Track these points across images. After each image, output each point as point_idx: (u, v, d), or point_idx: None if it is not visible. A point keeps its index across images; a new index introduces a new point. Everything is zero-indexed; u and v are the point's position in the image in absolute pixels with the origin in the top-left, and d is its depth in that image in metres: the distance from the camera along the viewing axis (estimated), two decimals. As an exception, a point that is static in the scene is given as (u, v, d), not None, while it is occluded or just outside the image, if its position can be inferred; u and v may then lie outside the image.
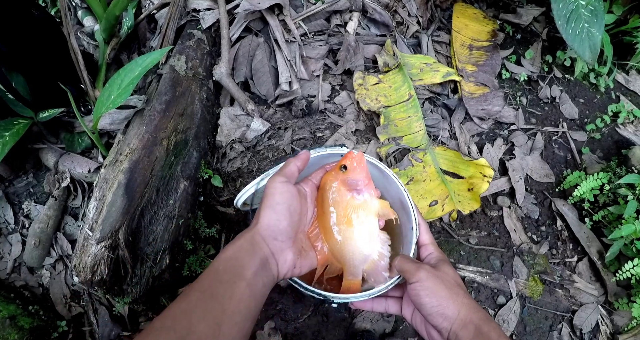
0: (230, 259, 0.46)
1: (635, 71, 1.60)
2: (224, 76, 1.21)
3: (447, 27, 1.53)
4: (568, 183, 1.30)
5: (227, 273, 0.44)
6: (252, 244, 0.47)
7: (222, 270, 0.44)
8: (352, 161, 0.58)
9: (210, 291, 0.42)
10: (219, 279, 0.43)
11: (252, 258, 0.46)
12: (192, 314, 0.39)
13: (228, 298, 0.42)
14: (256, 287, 0.45)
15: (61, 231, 1.12)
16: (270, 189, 0.51)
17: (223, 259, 0.46)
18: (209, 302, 0.41)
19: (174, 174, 1.01)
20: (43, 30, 1.05)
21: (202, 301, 0.41)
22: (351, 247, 0.58)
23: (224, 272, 0.44)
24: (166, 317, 0.39)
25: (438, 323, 0.48)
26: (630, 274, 1.10)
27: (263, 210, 0.50)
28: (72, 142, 1.16)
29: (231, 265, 0.45)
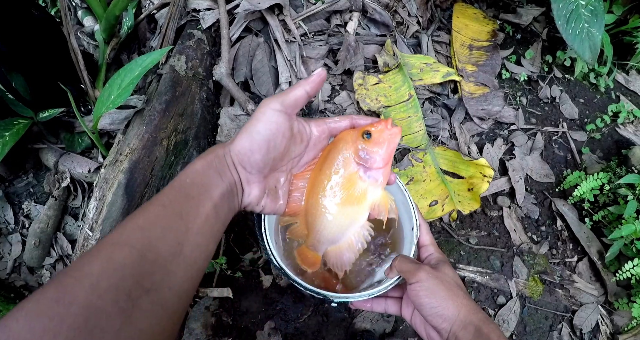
0: (198, 173, 0.40)
1: (635, 71, 1.60)
2: (224, 76, 1.21)
3: (447, 27, 1.53)
4: (568, 183, 1.30)
5: (195, 188, 0.39)
6: (222, 165, 0.42)
7: (189, 184, 0.39)
8: (382, 133, 0.48)
9: (174, 206, 0.37)
10: (184, 194, 0.38)
11: (220, 178, 0.41)
12: (151, 230, 0.35)
13: (193, 216, 0.37)
14: (222, 211, 0.41)
15: (61, 231, 1.12)
16: (258, 113, 0.44)
17: (192, 172, 0.40)
18: (171, 218, 0.36)
19: (174, 174, 1.01)
20: (43, 30, 1.05)
21: (163, 217, 0.36)
22: (326, 221, 0.51)
23: (191, 186, 0.39)
24: (121, 232, 0.34)
25: (437, 324, 0.48)
26: (630, 274, 1.10)
27: (241, 133, 0.44)
28: (72, 142, 1.16)
29: (199, 181, 0.40)
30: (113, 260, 0.32)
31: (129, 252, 0.32)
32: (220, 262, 1.04)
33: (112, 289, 0.30)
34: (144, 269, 0.32)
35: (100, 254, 0.32)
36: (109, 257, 0.32)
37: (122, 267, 0.32)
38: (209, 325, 1.02)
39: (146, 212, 0.36)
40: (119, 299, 0.30)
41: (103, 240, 0.34)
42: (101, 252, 0.32)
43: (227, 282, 1.09)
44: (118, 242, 0.33)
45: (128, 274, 0.31)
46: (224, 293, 1.04)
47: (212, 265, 1.04)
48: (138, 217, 0.36)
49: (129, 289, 0.31)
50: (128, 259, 0.32)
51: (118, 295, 0.30)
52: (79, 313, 0.28)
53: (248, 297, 1.08)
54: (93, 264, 0.31)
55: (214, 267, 1.06)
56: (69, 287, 0.29)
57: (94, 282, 0.30)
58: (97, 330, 0.28)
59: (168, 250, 0.35)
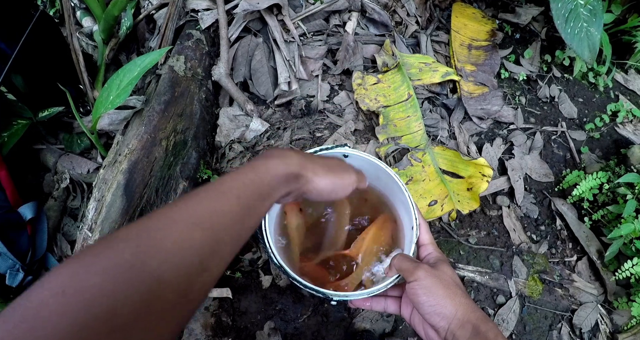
0: (276, 177, 0.44)
1: (634, 70, 1.60)
2: (222, 76, 1.21)
3: (446, 26, 1.53)
4: (567, 182, 1.30)
5: (266, 189, 0.43)
6: (296, 184, 0.47)
7: (266, 185, 0.43)
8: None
9: (247, 202, 0.40)
10: (258, 193, 0.42)
11: (285, 188, 0.45)
12: (223, 218, 0.38)
13: (255, 214, 0.41)
14: (265, 213, 0.45)
15: (60, 232, 1.12)
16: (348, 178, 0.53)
17: (272, 174, 0.44)
18: (241, 211, 0.40)
19: (173, 175, 1.01)
20: (42, 31, 1.05)
21: (236, 208, 0.39)
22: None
23: (266, 187, 0.43)
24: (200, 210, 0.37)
25: (436, 322, 0.48)
26: (629, 273, 1.10)
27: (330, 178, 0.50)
28: (71, 142, 1.16)
29: (274, 184, 0.44)
30: (187, 238, 0.34)
31: (201, 234, 0.35)
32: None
33: (180, 265, 0.33)
34: (209, 252, 0.35)
35: (176, 228, 0.35)
36: (185, 234, 0.34)
37: (192, 247, 0.34)
38: (208, 325, 1.02)
39: (224, 200, 0.39)
40: (182, 274, 0.33)
41: (176, 213, 0.36)
42: (177, 227, 0.35)
43: (226, 282, 1.09)
44: (194, 223, 0.36)
45: (196, 254, 0.34)
46: (224, 293, 1.04)
47: (212, 266, 1.04)
48: (215, 203, 0.38)
49: (192, 267, 0.34)
50: (199, 241, 0.35)
51: (182, 271, 0.33)
52: (149, 282, 0.30)
53: (247, 297, 1.08)
54: (168, 237, 0.34)
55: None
56: (145, 255, 0.31)
57: (167, 256, 0.32)
58: (160, 300, 0.31)
59: (229, 240, 0.38)
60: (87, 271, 0.29)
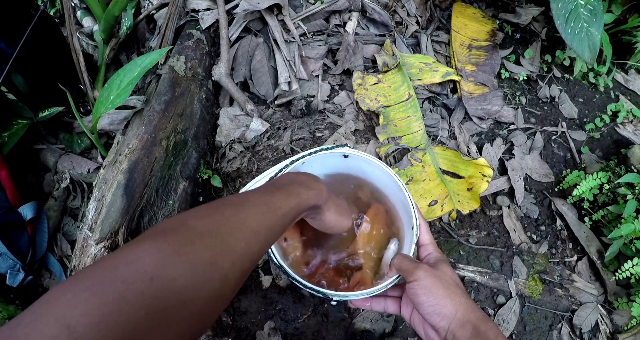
0: (307, 207, 0.50)
1: (634, 70, 1.60)
2: (223, 76, 1.21)
3: (447, 26, 1.53)
4: (567, 182, 1.30)
5: (299, 213, 0.48)
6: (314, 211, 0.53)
7: (299, 209, 0.48)
8: None
9: (286, 221, 0.46)
10: (293, 215, 0.47)
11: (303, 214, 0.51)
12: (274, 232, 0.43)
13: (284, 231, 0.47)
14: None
15: (61, 232, 1.12)
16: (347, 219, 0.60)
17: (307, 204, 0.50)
18: (282, 229, 0.45)
19: (173, 175, 1.01)
20: (42, 31, 1.05)
21: (280, 226, 0.44)
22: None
23: (299, 211, 0.48)
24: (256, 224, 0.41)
25: (435, 322, 0.48)
26: (629, 273, 1.10)
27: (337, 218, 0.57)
28: (71, 142, 1.16)
29: (304, 210, 0.49)
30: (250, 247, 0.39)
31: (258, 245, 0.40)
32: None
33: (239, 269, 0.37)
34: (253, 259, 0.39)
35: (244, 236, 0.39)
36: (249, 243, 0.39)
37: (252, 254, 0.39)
38: (208, 325, 1.02)
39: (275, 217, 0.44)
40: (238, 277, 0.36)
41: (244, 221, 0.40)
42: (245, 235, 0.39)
43: (226, 282, 1.09)
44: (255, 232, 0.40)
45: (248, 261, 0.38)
46: (224, 293, 1.04)
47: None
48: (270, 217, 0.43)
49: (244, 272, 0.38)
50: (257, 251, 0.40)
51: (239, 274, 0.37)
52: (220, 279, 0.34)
53: (248, 297, 1.08)
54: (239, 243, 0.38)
55: None
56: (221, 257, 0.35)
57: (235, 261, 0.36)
58: (222, 295, 0.34)
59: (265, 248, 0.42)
60: (177, 262, 0.31)
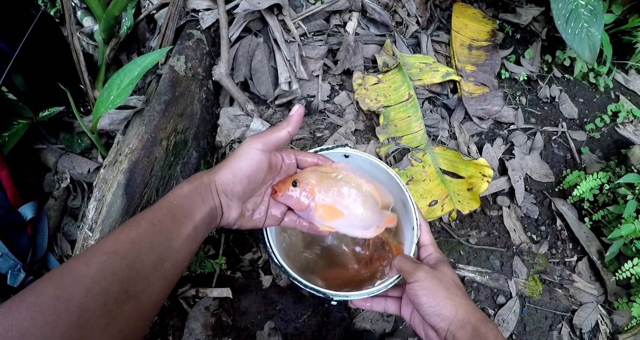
0: (185, 197, 0.46)
1: (634, 71, 1.60)
2: (223, 76, 1.21)
3: (447, 26, 1.53)
4: (567, 183, 1.30)
5: (180, 210, 0.44)
6: (207, 191, 0.47)
7: (176, 206, 0.44)
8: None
9: (161, 225, 0.42)
10: (171, 215, 0.43)
11: (203, 203, 0.46)
12: (140, 244, 0.39)
13: (176, 236, 0.43)
14: (200, 232, 0.46)
15: (61, 231, 1.12)
16: (242, 151, 0.50)
17: (179, 195, 0.46)
18: (158, 235, 0.41)
19: (173, 174, 1.01)
20: (43, 31, 1.05)
21: (151, 233, 0.41)
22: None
23: (177, 208, 0.44)
24: (115, 242, 0.39)
25: (435, 323, 0.48)
26: (629, 273, 1.10)
27: (225, 167, 0.49)
28: (71, 142, 1.16)
29: (184, 203, 0.45)
30: (106, 268, 0.36)
31: (119, 262, 0.37)
32: (220, 262, 1.04)
33: (102, 293, 0.35)
34: (130, 277, 0.37)
35: (95, 259, 0.37)
36: (103, 264, 0.36)
37: (113, 274, 0.36)
38: (208, 325, 1.02)
39: (138, 227, 0.41)
40: (107, 301, 0.35)
41: (98, 246, 0.39)
42: (96, 258, 0.37)
43: (226, 282, 1.09)
44: (111, 252, 0.38)
45: (117, 281, 0.36)
46: (224, 293, 1.04)
47: (212, 266, 1.04)
48: (130, 230, 0.41)
49: (116, 294, 0.35)
50: (118, 268, 0.37)
51: (107, 299, 0.35)
52: (74, 311, 0.32)
53: (248, 297, 1.08)
54: (89, 268, 0.36)
55: (214, 267, 1.06)
56: (67, 287, 0.34)
57: (89, 285, 0.34)
58: (87, 328, 0.33)
59: (151, 264, 0.40)
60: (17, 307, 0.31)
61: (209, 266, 1.04)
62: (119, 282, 0.36)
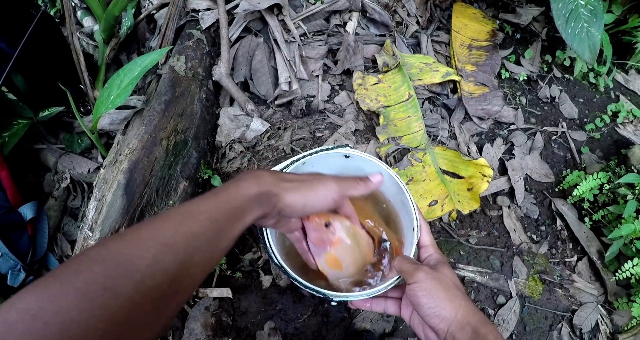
0: (248, 199, 0.44)
1: (634, 71, 1.60)
2: (223, 76, 1.21)
3: (447, 27, 1.53)
4: (567, 183, 1.30)
5: (239, 211, 0.43)
6: (268, 201, 0.46)
7: (237, 207, 0.43)
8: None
9: (218, 224, 0.41)
10: (229, 214, 0.42)
11: (259, 209, 0.45)
12: (197, 240, 0.38)
13: (227, 236, 0.42)
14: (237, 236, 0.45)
15: (61, 231, 1.12)
16: (320, 191, 0.51)
17: (243, 195, 0.44)
18: (213, 234, 0.40)
19: (173, 174, 1.01)
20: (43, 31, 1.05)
21: (209, 231, 0.40)
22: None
23: (237, 209, 0.43)
24: (175, 235, 0.37)
25: (435, 324, 0.48)
26: (629, 273, 1.10)
27: (298, 194, 0.49)
28: (71, 142, 1.16)
29: (245, 206, 0.44)
30: (160, 262, 0.34)
31: (173, 257, 0.35)
32: (220, 263, 1.05)
33: (153, 289, 0.33)
34: (180, 274, 0.36)
35: (151, 252, 0.35)
36: (157, 258, 0.34)
37: (166, 270, 0.35)
38: (208, 325, 1.02)
39: (197, 222, 0.39)
40: (155, 298, 0.33)
41: (152, 234, 0.36)
42: (152, 250, 0.35)
43: (226, 282, 1.09)
44: (167, 245, 0.36)
45: (168, 279, 0.35)
46: (224, 293, 1.04)
47: (212, 266, 1.04)
48: (190, 224, 0.39)
49: (164, 291, 0.34)
50: (172, 264, 0.35)
51: (156, 296, 0.33)
52: (122, 306, 0.30)
53: (248, 297, 1.08)
54: (142, 259, 0.34)
55: (214, 268, 1.06)
56: (119, 278, 0.32)
57: (140, 279, 0.32)
58: (133, 324, 0.31)
59: (201, 262, 0.38)
60: (60, 292, 0.29)
61: (209, 266, 1.04)
62: (170, 278, 0.35)
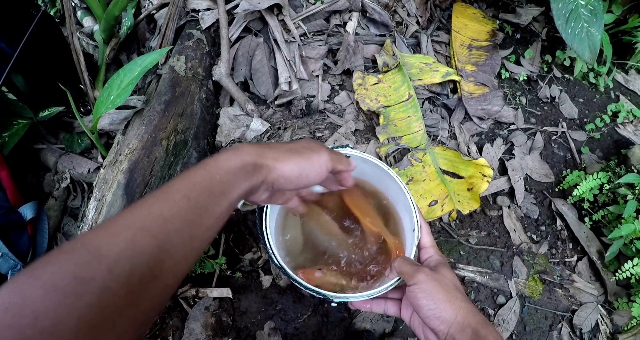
0: (229, 172, 0.41)
1: (634, 71, 1.60)
2: (223, 76, 1.21)
3: (447, 27, 1.53)
4: (568, 183, 1.30)
5: (220, 186, 0.40)
6: (256, 171, 0.43)
7: (217, 181, 0.40)
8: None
9: (197, 201, 0.38)
10: (209, 190, 0.39)
11: (245, 182, 0.42)
12: (173, 222, 0.36)
13: (209, 213, 0.39)
14: (231, 209, 0.42)
15: (61, 231, 1.12)
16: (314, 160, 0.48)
17: (223, 168, 0.41)
18: (192, 212, 0.37)
19: (173, 174, 1.01)
20: (43, 31, 1.05)
21: (186, 210, 0.37)
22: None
23: (217, 183, 0.40)
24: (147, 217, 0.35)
25: (435, 326, 0.48)
26: (629, 273, 1.10)
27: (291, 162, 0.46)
28: (71, 142, 1.16)
29: (227, 179, 0.41)
30: (134, 246, 0.33)
31: (149, 240, 0.34)
32: (220, 262, 1.05)
33: (127, 273, 0.31)
34: (158, 257, 0.34)
35: (122, 236, 0.33)
36: (130, 242, 0.33)
37: (140, 254, 0.33)
38: (208, 325, 1.02)
39: (171, 202, 0.37)
40: (131, 282, 0.31)
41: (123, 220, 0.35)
42: (122, 235, 0.33)
43: (226, 282, 1.09)
44: (140, 228, 0.34)
45: (144, 261, 0.33)
46: (224, 293, 1.04)
47: (212, 266, 1.05)
48: (163, 205, 0.36)
49: (141, 275, 0.32)
50: (147, 247, 0.33)
51: (131, 280, 0.32)
52: (94, 292, 0.29)
53: (248, 297, 1.09)
54: (114, 246, 0.32)
55: (214, 268, 1.06)
56: (88, 265, 0.30)
57: (112, 264, 0.31)
58: (107, 310, 0.30)
59: (181, 243, 0.36)
60: (31, 285, 0.28)
61: (209, 266, 1.04)
62: (146, 262, 0.33)
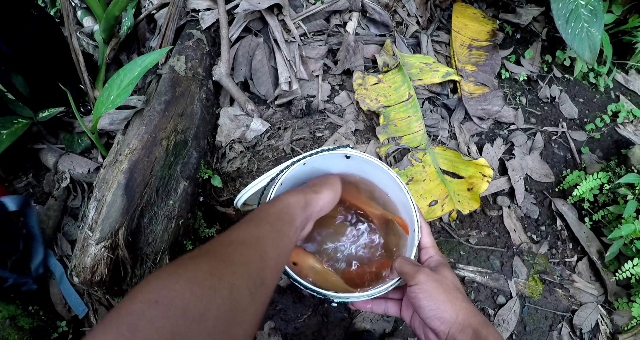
0: (290, 205, 0.52)
1: (634, 71, 1.60)
2: (223, 76, 1.21)
3: (447, 27, 1.53)
4: (568, 183, 1.30)
5: (287, 216, 0.51)
6: (306, 207, 0.54)
7: (284, 212, 0.51)
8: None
9: (276, 226, 0.48)
10: (282, 218, 0.50)
11: (301, 215, 0.53)
12: (265, 239, 0.45)
13: (287, 236, 0.49)
14: (298, 234, 0.53)
15: (61, 231, 1.12)
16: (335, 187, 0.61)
17: (286, 204, 0.52)
18: (276, 233, 0.47)
19: (173, 174, 1.01)
20: (42, 31, 1.05)
21: (271, 232, 0.47)
22: None
23: (285, 214, 0.51)
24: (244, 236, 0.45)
25: (436, 326, 0.48)
26: (630, 273, 1.10)
27: (327, 190, 0.58)
28: (71, 142, 1.16)
29: (289, 211, 0.52)
30: (244, 255, 0.41)
31: (252, 252, 0.43)
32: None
33: (246, 275, 0.39)
34: (262, 266, 0.42)
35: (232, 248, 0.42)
36: (240, 252, 0.42)
37: (250, 262, 0.41)
38: (208, 325, 1.02)
39: (258, 228, 0.47)
40: (249, 283, 0.39)
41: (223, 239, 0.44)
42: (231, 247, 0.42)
43: (227, 282, 1.09)
44: (242, 243, 0.44)
45: (254, 268, 0.41)
46: (224, 293, 1.04)
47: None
48: (252, 230, 0.47)
49: (254, 278, 0.40)
50: (252, 257, 0.42)
51: (249, 281, 0.39)
52: (225, 287, 0.36)
53: (248, 297, 1.08)
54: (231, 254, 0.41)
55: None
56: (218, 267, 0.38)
57: (235, 267, 0.39)
58: (236, 303, 0.36)
59: (273, 256, 0.45)
60: (175, 281, 0.34)
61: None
62: (255, 268, 0.41)
